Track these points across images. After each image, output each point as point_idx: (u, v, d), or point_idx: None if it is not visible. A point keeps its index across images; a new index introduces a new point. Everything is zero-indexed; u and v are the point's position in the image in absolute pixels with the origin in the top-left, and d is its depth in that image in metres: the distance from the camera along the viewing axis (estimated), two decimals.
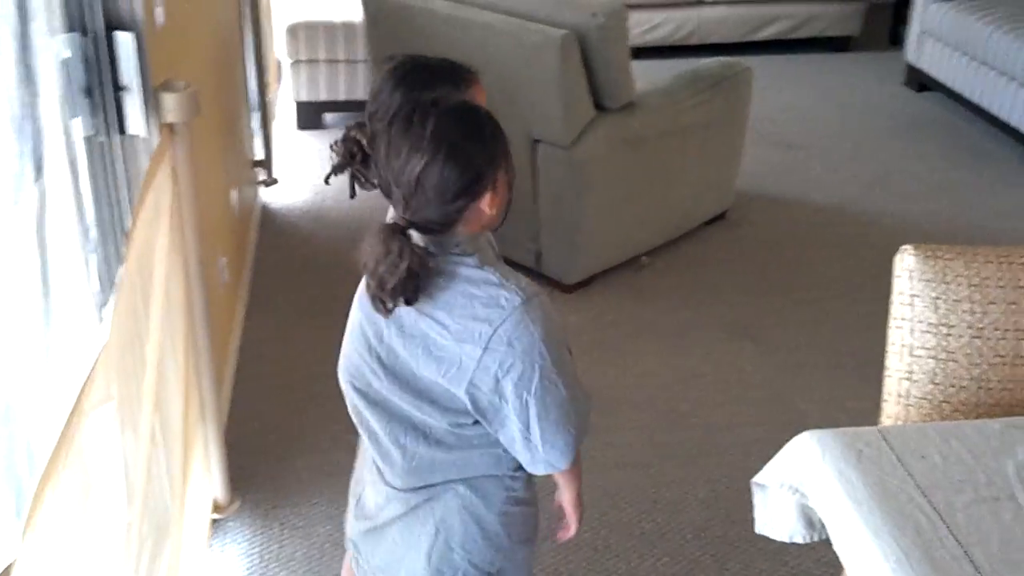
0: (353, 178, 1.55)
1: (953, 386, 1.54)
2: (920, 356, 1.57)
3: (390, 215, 1.51)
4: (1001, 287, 1.52)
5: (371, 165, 1.47)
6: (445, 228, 1.41)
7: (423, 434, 1.50)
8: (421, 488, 1.56)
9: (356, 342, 1.56)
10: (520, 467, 1.54)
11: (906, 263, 1.61)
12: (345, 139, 1.53)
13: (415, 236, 1.40)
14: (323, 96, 4.67)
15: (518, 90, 3.19)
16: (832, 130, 4.86)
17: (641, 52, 3.28)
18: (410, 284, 1.37)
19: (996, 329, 1.52)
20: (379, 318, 1.46)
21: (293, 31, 4.52)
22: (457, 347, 1.41)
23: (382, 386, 1.51)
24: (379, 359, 1.50)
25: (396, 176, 1.38)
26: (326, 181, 1.58)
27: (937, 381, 1.55)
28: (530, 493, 1.61)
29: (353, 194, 1.59)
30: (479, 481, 1.54)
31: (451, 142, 1.37)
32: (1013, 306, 1.52)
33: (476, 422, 1.48)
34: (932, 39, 5.07)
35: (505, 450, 1.50)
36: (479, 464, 1.53)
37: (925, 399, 1.56)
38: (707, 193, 3.83)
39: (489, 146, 1.42)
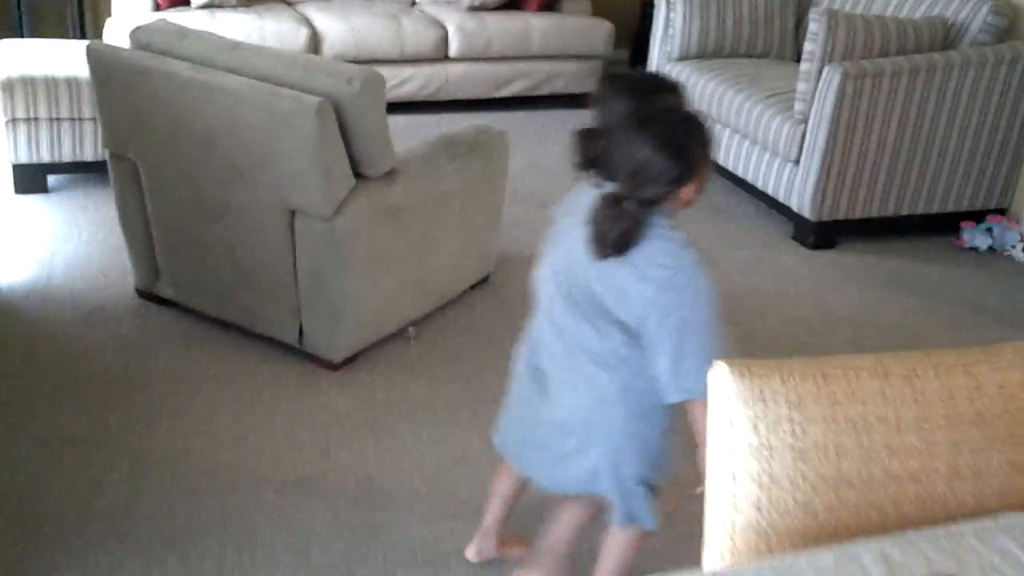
0: (586, 172, 1.97)
1: (778, 512, 1.48)
2: (743, 482, 1.50)
3: (596, 192, 1.89)
4: (819, 404, 1.48)
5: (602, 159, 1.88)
6: (653, 204, 1.82)
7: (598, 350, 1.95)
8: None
9: (562, 259, 2.00)
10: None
11: (721, 382, 1.54)
12: (582, 143, 1.96)
13: (629, 206, 1.81)
14: (45, 157, 4.24)
15: (271, 160, 2.99)
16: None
17: (390, 108, 3.17)
18: (624, 241, 1.82)
19: (817, 449, 1.48)
20: (579, 249, 1.89)
21: (9, 87, 4.08)
22: (639, 284, 1.84)
23: (569, 304, 1.96)
24: (575, 282, 1.94)
25: (625, 160, 1.79)
26: (577, 178, 2.00)
27: (761, 508, 1.49)
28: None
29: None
30: (644, 406, 1.97)
31: (675, 141, 1.79)
32: (832, 424, 1.48)
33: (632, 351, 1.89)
34: None
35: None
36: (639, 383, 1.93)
37: (750, 527, 1.50)
38: (470, 258, 3.75)
39: (701, 148, 1.83)
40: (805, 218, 4.38)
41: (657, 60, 5.31)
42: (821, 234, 4.40)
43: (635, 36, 6.25)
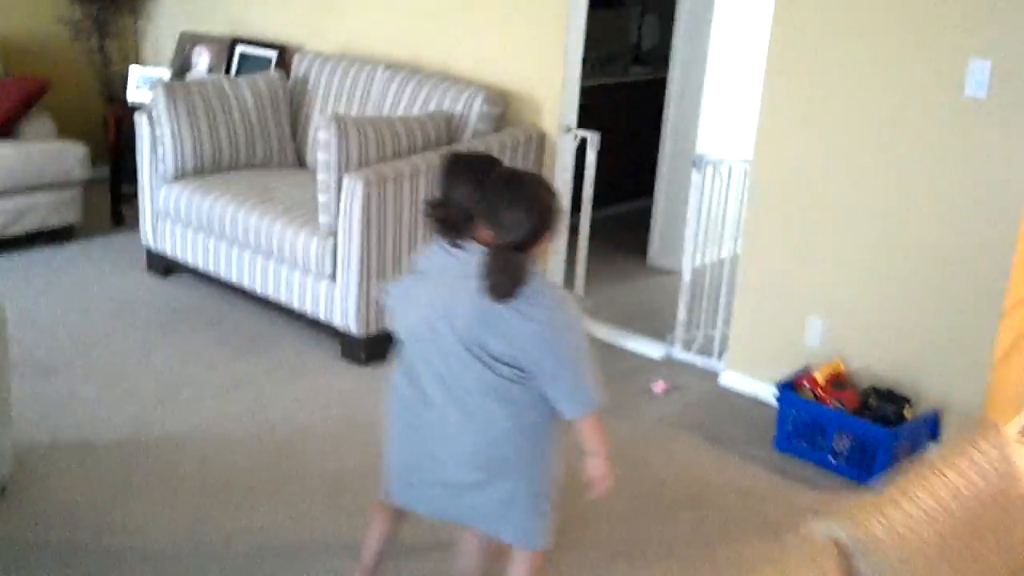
0: (445, 235, 2.38)
1: None
2: None
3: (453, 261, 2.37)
4: None
5: (459, 223, 2.34)
6: (526, 249, 2.23)
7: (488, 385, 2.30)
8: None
9: (438, 313, 2.31)
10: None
11: None
12: (437, 214, 2.37)
13: (513, 255, 2.24)
14: None
15: None
16: (89, 339, 4.26)
17: None
18: (517, 285, 2.21)
19: None
20: (460, 302, 2.27)
21: None
22: (525, 324, 2.22)
23: (454, 350, 2.29)
24: (456, 330, 2.28)
25: (500, 218, 2.23)
26: (450, 246, 2.38)
27: None
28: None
29: (456, 245, 2.36)
30: (540, 428, 2.36)
31: (539, 199, 2.26)
32: None
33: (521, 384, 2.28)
34: (169, 221, 4.77)
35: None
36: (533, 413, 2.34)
37: None
38: None
39: (555, 203, 2.29)
40: (352, 334, 4.15)
41: (150, 181, 4.81)
42: (371, 347, 4.19)
43: (113, 153, 5.64)
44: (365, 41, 5.23)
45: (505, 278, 2.20)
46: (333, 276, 4.11)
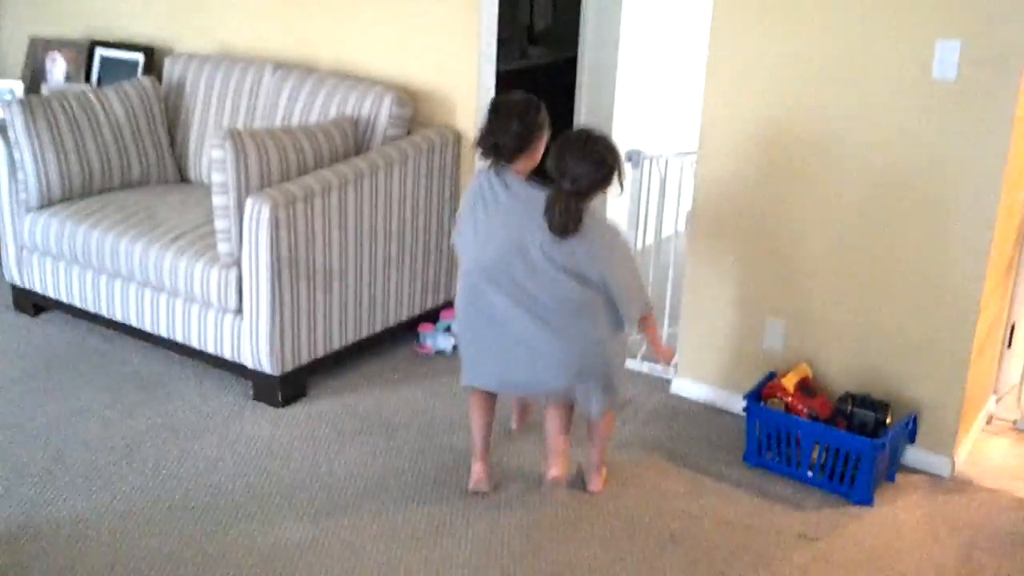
0: (495, 161, 2.95)
1: None
2: None
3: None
4: None
5: (507, 154, 2.92)
6: (585, 196, 2.79)
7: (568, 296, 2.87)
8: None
9: (506, 245, 2.87)
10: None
11: None
12: (485, 144, 2.94)
13: (574, 201, 2.80)
14: None
15: None
16: None
17: None
18: (576, 226, 2.78)
19: None
20: (532, 239, 2.83)
21: None
22: (590, 247, 2.81)
23: (530, 276, 2.87)
24: (530, 260, 2.85)
25: (567, 168, 2.77)
26: (488, 165, 2.98)
27: None
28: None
29: (496, 163, 2.96)
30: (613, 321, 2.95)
31: (604, 158, 2.81)
32: None
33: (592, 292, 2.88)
34: (35, 254, 4.18)
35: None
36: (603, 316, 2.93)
37: None
38: None
39: (619, 163, 2.85)
40: (266, 373, 3.66)
41: (10, 210, 4.20)
42: (288, 386, 3.71)
43: None
44: (247, 39, 4.70)
45: (567, 219, 2.75)
46: (239, 310, 3.61)
